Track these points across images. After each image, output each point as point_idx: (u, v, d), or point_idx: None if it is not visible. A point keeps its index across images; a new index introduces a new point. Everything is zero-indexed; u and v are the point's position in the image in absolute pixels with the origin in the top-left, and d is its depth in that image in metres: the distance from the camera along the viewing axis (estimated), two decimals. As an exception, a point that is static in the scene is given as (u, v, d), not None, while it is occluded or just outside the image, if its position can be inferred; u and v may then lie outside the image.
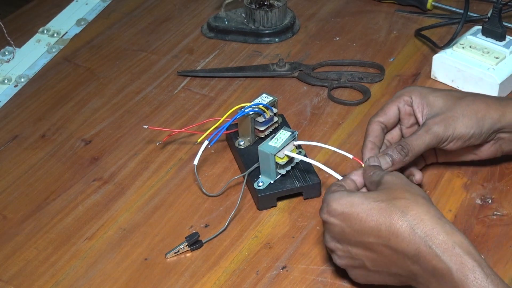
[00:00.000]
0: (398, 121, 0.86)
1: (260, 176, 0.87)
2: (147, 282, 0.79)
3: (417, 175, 0.83)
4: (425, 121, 0.83)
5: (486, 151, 0.86)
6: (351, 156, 0.81)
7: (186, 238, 0.82)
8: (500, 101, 0.85)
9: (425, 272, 0.67)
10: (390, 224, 0.69)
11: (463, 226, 0.83)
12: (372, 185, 0.76)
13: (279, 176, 0.86)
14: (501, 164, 0.90)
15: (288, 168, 0.87)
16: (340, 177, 0.79)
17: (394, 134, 0.88)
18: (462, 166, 0.90)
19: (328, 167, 0.80)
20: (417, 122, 0.85)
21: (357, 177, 0.78)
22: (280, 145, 0.84)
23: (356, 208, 0.71)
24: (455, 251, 0.66)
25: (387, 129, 0.86)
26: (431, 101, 0.84)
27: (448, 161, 0.90)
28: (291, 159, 0.86)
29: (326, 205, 0.73)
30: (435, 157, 0.89)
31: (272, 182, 0.86)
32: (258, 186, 0.86)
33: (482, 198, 0.86)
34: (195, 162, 0.87)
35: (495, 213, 0.84)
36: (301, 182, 0.86)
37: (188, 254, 0.82)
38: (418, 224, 0.68)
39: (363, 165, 0.80)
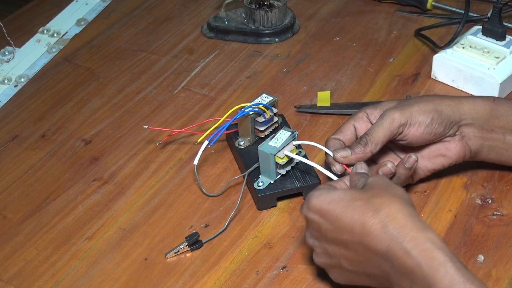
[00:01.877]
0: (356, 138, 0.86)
1: (260, 176, 0.87)
2: (147, 282, 0.79)
3: (389, 163, 0.80)
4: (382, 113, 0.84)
5: (454, 149, 0.85)
6: (335, 179, 0.81)
7: (186, 238, 0.82)
8: (455, 96, 0.86)
9: (397, 271, 0.67)
10: (363, 222, 0.69)
11: (463, 226, 0.83)
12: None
13: (279, 176, 0.86)
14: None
15: (288, 168, 0.87)
16: (335, 179, 0.79)
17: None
18: (462, 166, 0.90)
19: (327, 168, 0.80)
20: None
21: (343, 183, 0.78)
22: (280, 145, 0.84)
23: (334, 205, 0.71)
24: (425, 246, 0.66)
25: (344, 145, 0.85)
26: (385, 105, 0.85)
27: (423, 177, 0.87)
28: (291, 159, 0.86)
29: (307, 200, 0.73)
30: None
31: (272, 182, 0.86)
32: (258, 186, 0.86)
33: (482, 198, 0.86)
34: (195, 162, 0.87)
35: (495, 213, 0.84)
36: (301, 182, 0.86)
37: (188, 254, 0.82)
38: (390, 222, 0.68)
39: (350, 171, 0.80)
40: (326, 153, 0.83)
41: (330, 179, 0.80)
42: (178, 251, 0.82)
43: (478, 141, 0.85)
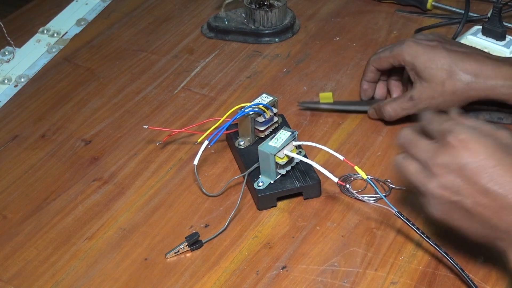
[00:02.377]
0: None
1: (260, 176, 0.87)
2: (147, 282, 0.79)
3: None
4: None
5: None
6: (342, 158, 0.81)
7: (186, 238, 0.82)
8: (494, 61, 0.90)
9: None
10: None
11: (463, 226, 0.83)
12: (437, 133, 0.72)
13: (279, 176, 0.86)
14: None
15: (288, 168, 0.87)
16: (335, 179, 0.79)
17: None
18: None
19: (328, 167, 0.80)
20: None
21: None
22: (280, 145, 0.84)
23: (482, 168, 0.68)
24: None
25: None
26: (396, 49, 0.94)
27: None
28: (291, 159, 0.86)
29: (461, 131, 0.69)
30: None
31: (272, 182, 0.86)
32: (258, 186, 0.86)
33: (482, 198, 0.86)
34: (195, 162, 0.87)
35: (495, 213, 0.84)
36: (301, 182, 0.86)
37: (188, 254, 0.82)
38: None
39: (355, 167, 0.79)
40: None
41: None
42: (178, 251, 0.82)
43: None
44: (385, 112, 0.94)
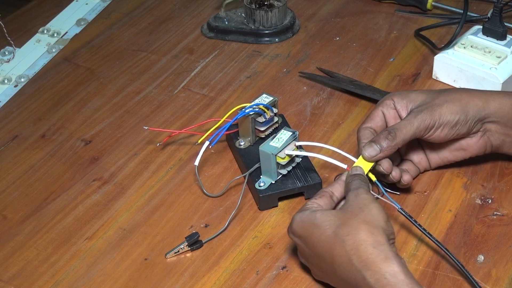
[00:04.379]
0: (386, 125, 0.86)
1: (261, 176, 0.87)
2: (147, 282, 0.79)
3: (395, 172, 0.82)
4: (411, 111, 0.84)
5: (475, 144, 0.86)
6: (345, 166, 0.81)
7: (186, 238, 0.82)
8: (482, 91, 0.86)
9: None
10: (332, 254, 0.71)
11: (463, 226, 0.83)
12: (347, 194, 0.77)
13: (280, 176, 0.86)
14: (501, 164, 0.90)
15: (289, 168, 0.86)
16: (344, 166, 0.80)
17: None
18: (462, 166, 0.90)
19: (328, 167, 0.81)
20: None
21: (337, 188, 0.79)
22: (281, 145, 0.84)
23: (310, 231, 0.73)
24: (385, 282, 0.67)
25: (376, 133, 0.85)
26: (413, 98, 0.85)
27: (441, 165, 0.89)
28: (292, 159, 0.86)
29: (290, 224, 0.76)
30: (426, 160, 0.89)
31: (273, 182, 0.86)
32: (260, 186, 0.86)
33: (482, 198, 0.86)
34: (196, 162, 0.87)
35: (495, 213, 0.84)
36: (302, 182, 0.86)
37: (188, 254, 0.82)
38: (354, 255, 0.69)
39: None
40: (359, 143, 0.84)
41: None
42: (178, 251, 0.82)
43: (500, 136, 0.86)
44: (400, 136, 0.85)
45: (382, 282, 0.67)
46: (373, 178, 0.81)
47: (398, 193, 0.86)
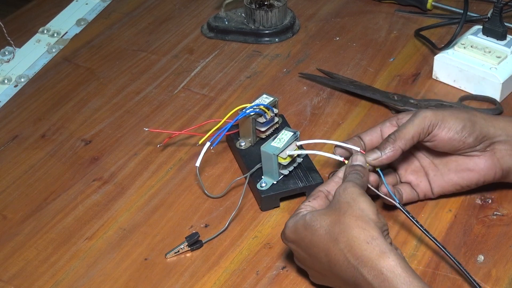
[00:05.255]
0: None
1: (262, 176, 0.86)
2: (147, 282, 0.79)
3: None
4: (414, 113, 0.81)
5: (483, 165, 0.81)
6: (341, 159, 0.81)
7: (186, 238, 0.82)
8: (490, 114, 0.83)
9: None
10: (327, 253, 0.71)
11: (463, 226, 0.83)
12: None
13: (282, 176, 0.86)
14: (501, 164, 0.90)
15: (291, 168, 0.86)
16: (341, 158, 0.80)
17: None
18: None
19: (328, 167, 0.80)
20: None
21: (333, 186, 0.78)
22: (283, 146, 0.84)
23: (303, 234, 0.73)
24: (383, 277, 0.67)
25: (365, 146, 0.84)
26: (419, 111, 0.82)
27: (446, 193, 0.85)
28: (293, 159, 0.86)
29: (283, 230, 0.76)
30: (427, 184, 0.84)
31: (275, 182, 0.86)
32: (261, 187, 0.86)
33: (482, 198, 0.86)
34: (197, 163, 0.86)
35: (495, 213, 0.84)
36: (304, 182, 0.86)
37: (188, 254, 0.82)
38: (349, 252, 0.69)
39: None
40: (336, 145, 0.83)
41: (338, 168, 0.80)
42: (178, 251, 0.82)
43: (511, 159, 0.81)
44: None
45: (380, 278, 0.67)
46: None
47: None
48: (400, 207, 0.77)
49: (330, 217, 0.71)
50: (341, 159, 0.80)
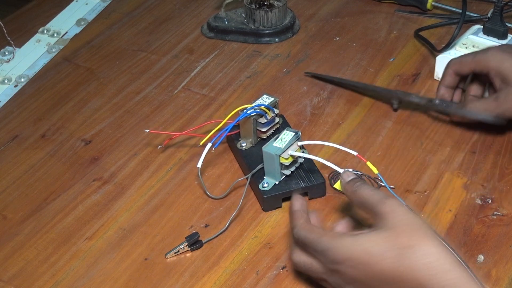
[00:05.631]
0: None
1: (264, 177, 0.86)
2: (147, 282, 0.79)
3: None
4: None
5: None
6: (355, 153, 0.81)
7: (186, 238, 0.82)
8: None
9: None
10: (399, 281, 0.66)
11: (463, 226, 0.83)
12: (365, 209, 0.72)
13: (284, 176, 0.86)
14: (501, 164, 0.90)
15: (293, 168, 0.86)
16: (341, 170, 0.78)
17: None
18: (462, 166, 0.90)
19: (329, 167, 0.80)
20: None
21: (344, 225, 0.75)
22: (285, 146, 0.84)
23: (367, 256, 0.67)
24: None
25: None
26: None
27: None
28: (295, 160, 0.86)
29: (327, 252, 0.69)
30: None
31: (277, 183, 0.86)
32: (264, 187, 0.85)
33: (482, 198, 0.86)
34: (199, 165, 0.86)
35: (495, 213, 0.84)
36: (306, 182, 0.86)
37: (188, 254, 0.82)
38: (431, 280, 0.64)
39: (367, 162, 0.80)
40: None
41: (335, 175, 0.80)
42: (178, 251, 0.82)
43: None
44: (467, 109, 0.92)
45: None
46: (375, 171, 0.80)
47: (393, 186, 0.86)
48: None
49: (397, 238, 0.67)
50: (341, 171, 0.80)
